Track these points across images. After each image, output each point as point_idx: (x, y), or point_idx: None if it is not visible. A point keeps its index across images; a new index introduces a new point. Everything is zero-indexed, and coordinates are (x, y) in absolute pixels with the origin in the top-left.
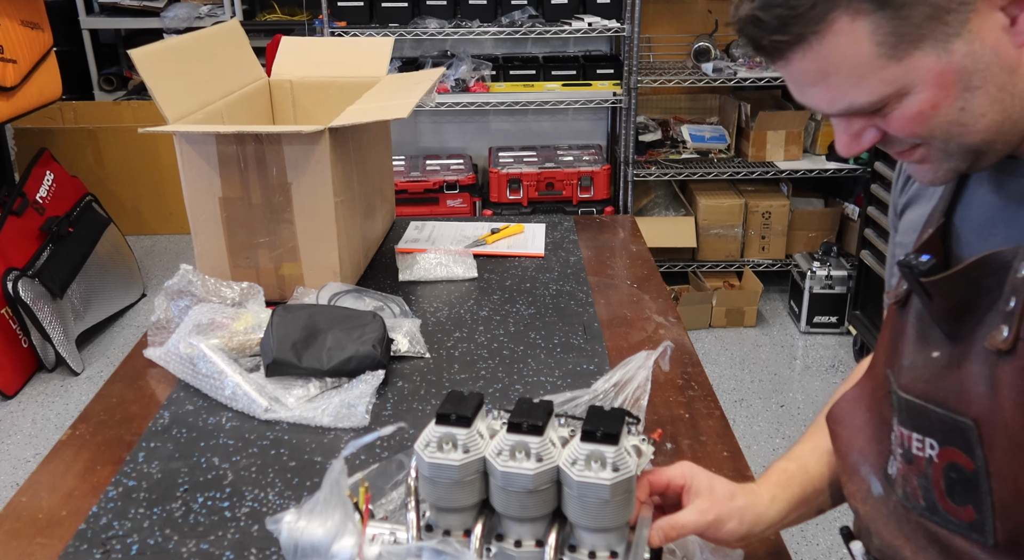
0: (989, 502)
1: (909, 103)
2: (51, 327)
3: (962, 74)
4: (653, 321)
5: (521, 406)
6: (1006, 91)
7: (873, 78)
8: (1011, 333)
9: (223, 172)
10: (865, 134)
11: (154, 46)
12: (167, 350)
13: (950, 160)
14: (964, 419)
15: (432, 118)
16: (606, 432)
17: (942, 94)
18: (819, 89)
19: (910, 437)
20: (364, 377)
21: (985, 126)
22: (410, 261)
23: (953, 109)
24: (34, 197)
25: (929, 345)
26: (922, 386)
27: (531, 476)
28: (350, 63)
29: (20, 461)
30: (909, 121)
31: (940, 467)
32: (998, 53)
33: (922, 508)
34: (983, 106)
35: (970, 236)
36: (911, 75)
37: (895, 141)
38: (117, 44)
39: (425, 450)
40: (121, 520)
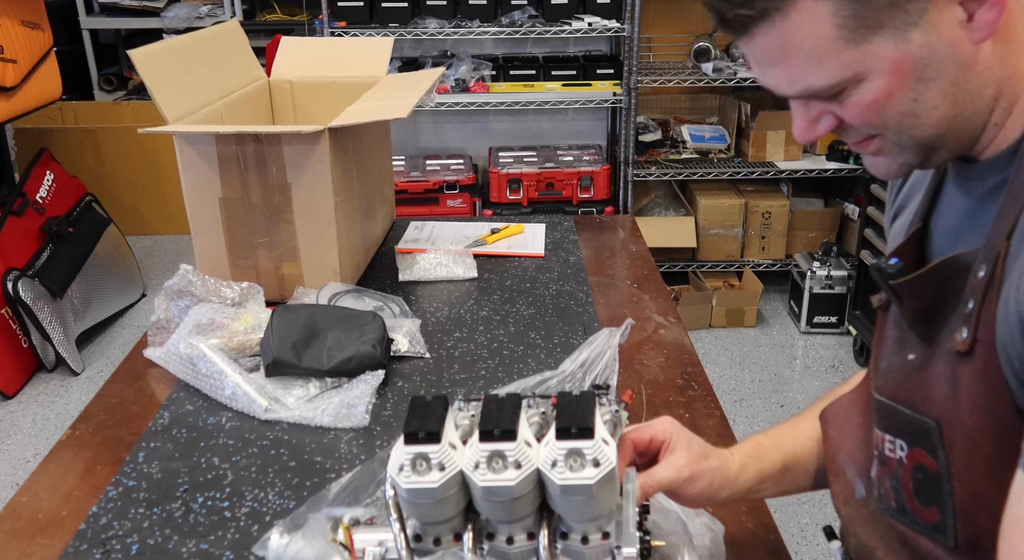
0: (951, 503)
1: (865, 90)
2: (51, 327)
3: (917, 65)
4: (653, 321)
5: (489, 407)
6: (959, 86)
7: (832, 61)
8: (969, 334)
9: (223, 172)
10: (822, 120)
11: (154, 46)
12: (167, 350)
13: (903, 153)
14: (927, 419)
15: (432, 118)
16: (580, 427)
17: (897, 83)
18: (779, 69)
19: (883, 439)
20: (364, 377)
21: (936, 119)
22: (410, 261)
23: (907, 100)
24: (34, 197)
25: (906, 348)
26: (894, 388)
27: (513, 486)
28: (350, 63)
29: (20, 461)
30: (864, 109)
31: (909, 468)
32: (954, 48)
33: (893, 509)
34: (935, 99)
35: (942, 239)
36: (868, 61)
37: (851, 130)
38: (117, 44)
39: (400, 475)
40: (121, 520)
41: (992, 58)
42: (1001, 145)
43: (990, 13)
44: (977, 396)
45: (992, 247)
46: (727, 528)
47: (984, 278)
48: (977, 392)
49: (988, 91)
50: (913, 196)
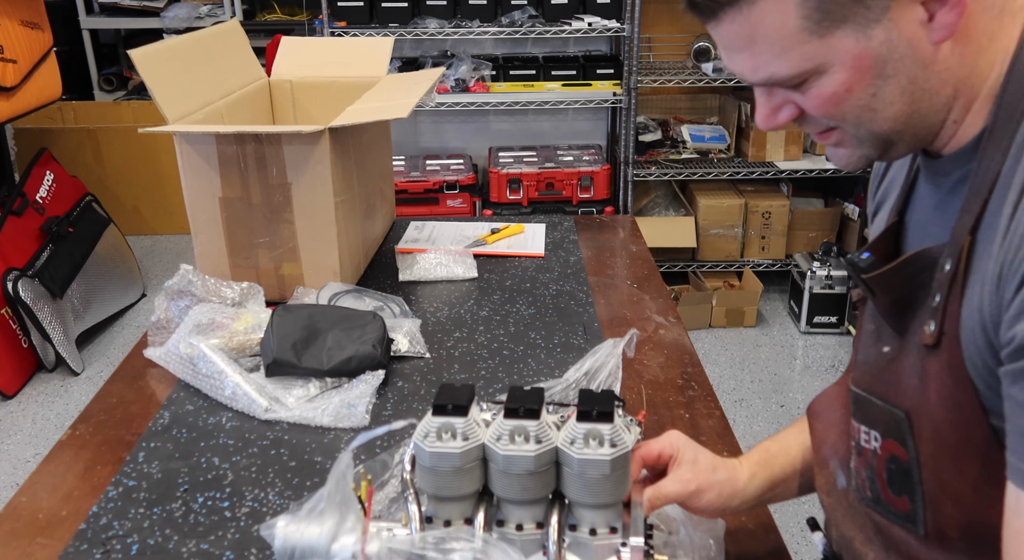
0: (920, 493)
1: (825, 82)
2: (51, 327)
3: (877, 60)
4: (653, 321)
5: (515, 393)
6: (917, 85)
7: (795, 51)
8: (936, 328)
9: (223, 172)
10: (784, 109)
11: (154, 46)
12: (167, 350)
13: (862, 146)
14: (898, 411)
15: (432, 118)
16: (601, 411)
17: (856, 78)
18: (745, 55)
19: (859, 429)
20: (364, 377)
21: (894, 115)
22: (410, 261)
23: (865, 94)
24: (34, 197)
25: (881, 340)
26: (868, 380)
27: (532, 457)
28: (350, 63)
29: (20, 461)
30: (824, 101)
31: (883, 459)
32: (913, 46)
33: (869, 499)
34: (893, 95)
35: (914, 234)
36: (830, 54)
37: (811, 121)
38: (117, 44)
39: (425, 440)
40: (121, 520)
41: (951, 58)
42: (962, 140)
43: (950, 14)
44: (943, 388)
45: (956, 242)
46: (727, 528)
47: (949, 272)
48: (943, 384)
49: (946, 90)
50: (891, 191)
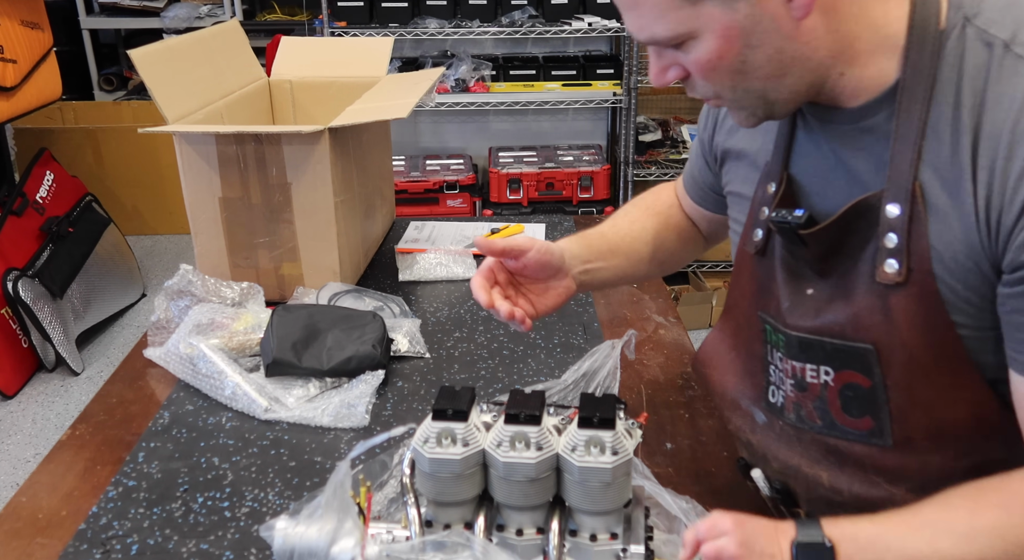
0: (887, 411)
1: (700, 48)
2: (51, 327)
3: (743, 31)
4: (653, 321)
5: (515, 397)
6: (785, 54)
7: (671, 15)
8: (903, 266)
9: (223, 172)
10: (671, 70)
11: (154, 46)
12: (167, 350)
13: (745, 107)
14: (863, 345)
15: (432, 118)
16: (603, 417)
17: (726, 46)
18: (633, 15)
19: (803, 368)
20: (364, 377)
21: (764, 76)
22: (410, 261)
23: (736, 61)
24: (34, 197)
25: (802, 283)
26: (810, 323)
27: (533, 465)
28: (350, 63)
29: (20, 461)
30: (702, 65)
31: (836, 389)
32: (776, 21)
33: (819, 427)
34: (761, 61)
35: (816, 186)
36: (701, 21)
37: (696, 86)
38: (117, 44)
39: (424, 446)
40: (121, 520)
41: (818, 29)
42: (868, 92)
43: None
44: (916, 318)
45: (901, 187)
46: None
47: (903, 216)
48: (915, 314)
49: (817, 55)
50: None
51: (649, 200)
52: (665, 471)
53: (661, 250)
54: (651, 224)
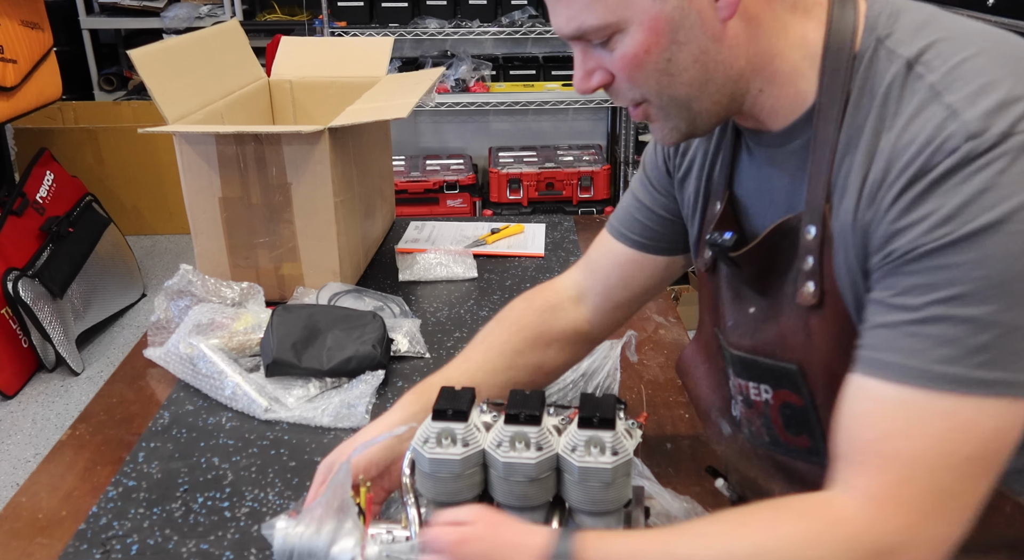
0: (820, 430)
1: (627, 42)
2: (51, 327)
3: (671, 25)
4: (653, 321)
5: (515, 397)
6: (709, 56)
7: (601, 3)
8: (818, 288)
9: (223, 172)
10: (596, 74)
11: (154, 46)
12: (167, 350)
13: (669, 118)
14: (789, 365)
15: (432, 118)
16: (603, 417)
17: (653, 40)
18: (561, 5)
19: (747, 386)
20: (364, 377)
21: (689, 80)
22: (410, 261)
23: (662, 58)
24: (34, 197)
25: (745, 303)
26: (748, 342)
27: (533, 465)
28: (350, 63)
29: (20, 461)
30: (628, 62)
31: (776, 407)
32: (703, 19)
33: (767, 443)
34: (687, 62)
35: (754, 207)
36: (630, 11)
37: (621, 92)
38: (117, 44)
39: (424, 446)
40: (121, 520)
41: (741, 36)
42: (791, 115)
43: None
44: (833, 339)
45: (816, 209)
46: None
47: (817, 238)
48: (832, 335)
49: (738, 63)
50: (694, 164)
51: (509, 317)
52: (665, 471)
53: (528, 368)
54: (509, 344)
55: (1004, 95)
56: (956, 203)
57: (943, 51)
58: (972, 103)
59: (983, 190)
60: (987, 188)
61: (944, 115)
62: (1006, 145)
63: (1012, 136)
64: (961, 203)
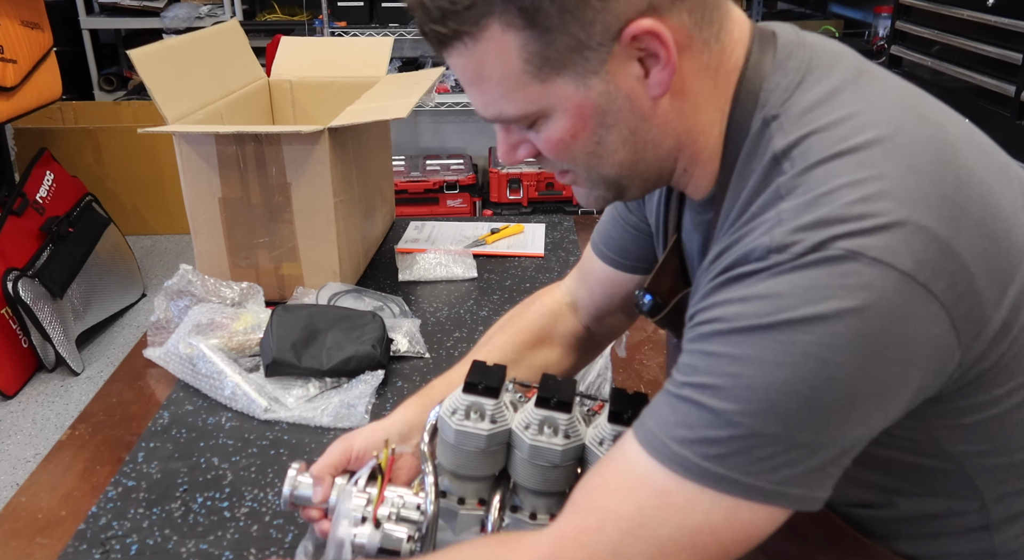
0: None
1: (552, 127)
2: (51, 327)
3: (597, 110)
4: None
5: (547, 382)
6: (639, 136)
7: (519, 93)
8: None
9: (223, 172)
10: (521, 147)
11: (154, 46)
12: (167, 350)
13: (596, 188)
14: None
15: (432, 118)
16: (634, 416)
17: (580, 125)
18: (475, 90)
19: None
20: (364, 377)
21: (619, 161)
22: (410, 261)
23: (590, 142)
24: (34, 197)
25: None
26: None
27: (559, 451)
28: (350, 63)
29: (20, 461)
30: (553, 145)
31: None
32: (632, 100)
33: None
34: (616, 144)
35: (690, 257)
36: (552, 99)
37: (549, 163)
38: (117, 44)
39: (452, 417)
40: (121, 520)
41: (670, 112)
42: (701, 193)
43: (663, 73)
44: None
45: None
46: None
47: None
48: None
49: (667, 141)
50: (654, 195)
51: (512, 321)
52: None
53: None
54: (511, 345)
55: (827, 211)
56: (739, 298)
57: (811, 147)
58: (796, 215)
59: (766, 295)
60: (771, 294)
61: (771, 224)
62: (806, 259)
63: (816, 251)
64: (743, 299)
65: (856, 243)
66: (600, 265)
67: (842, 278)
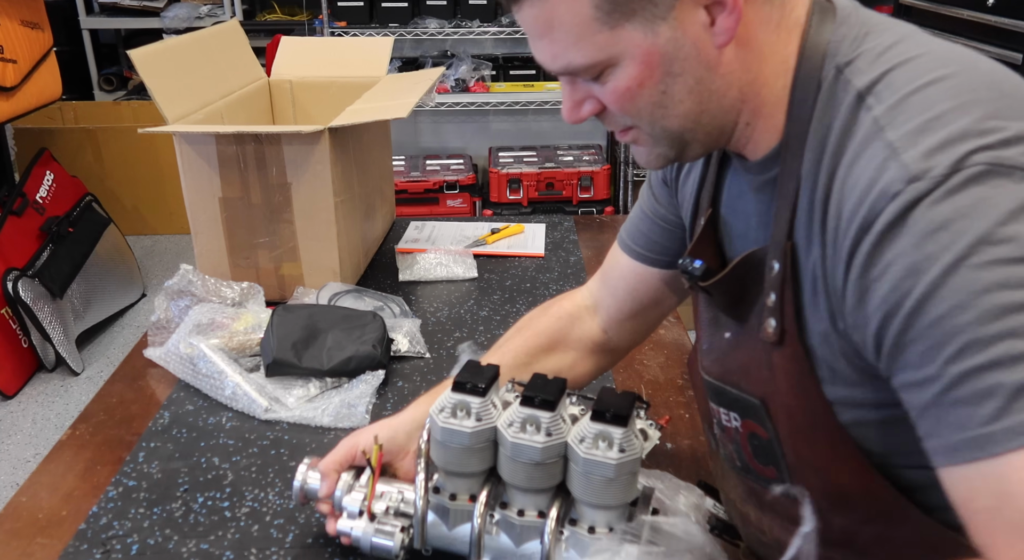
0: (784, 463)
1: (619, 76)
2: (51, 327)
3: (664, 57)
4: None
5: (535, 381)
6: (704, 85)
7: (588, 41)
8: (777, 325)
9: (223, 172)
10: (586, 104)
11: (154, 46)
12: (167, 350)
13: (658, 145)
14: (753, 398)
15: (432, 118)
16: (616, 414)
17: (647, 73)
18: (544, 42)
19: (718, 411)
20: (364, 377)
21: (683, 112)
22: (410, 261)
23: (656, 91)
24: (34, 197)
25: (721, 327)
26: (718, 369)
27: (539, 449)
28: (350, 63)
29: (20, 461)
30: (620, 95)
31: (744, 435)
32: (698, 48)
33: (739, 468)
34: (682, 93)
35: (736, 229)
36: (621, 46)
37: (611, 118)
38: (117, 44)
39: (439, 415)
40: (121, 520)
41: (734, 63)
42: (763, 148)
43: (729, 20)
44: (791, 378)
45: (778, 245)
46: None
47: (779, 275)
48: (791, 374)
49: (732, 92)
50: (690, 174)
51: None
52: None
53: None
54: (524, 348)
55: (949, 132)
56: (910, 252)
57: (895, 81)
58: (913, 141)
59: (933, 232)
60: (937, 228)
61: (884, 155)
62: (949, 183)
63: (955, 173)
64: (915, 250)
65: (992, 156)
66: (626, 261)
67: (995, 190)
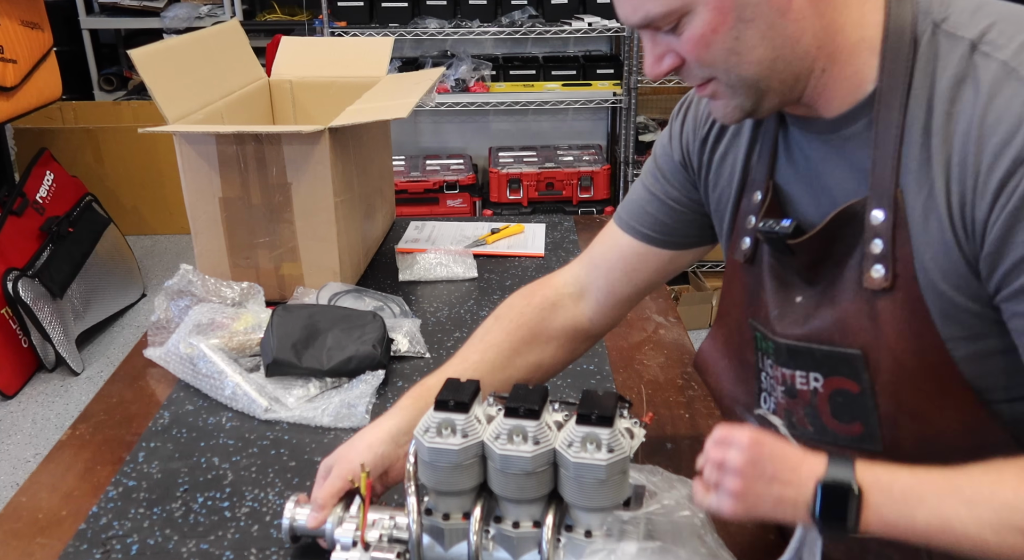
0: (876, 416)
1: (694, 24)
2: (51, 327)
3: (736, 3)
4: (653, 321)
5: (517, 392)
6: (776, 31)
7: None
8: (889, 272)
9: (223, 172)
10: (666, 58)
11: (154, 46)
12: (167, 350)
13: (736, 96)
14: (850, 350)
15: (432, 118)
16: (601, 415)
17: (720, 19)
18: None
19: (792, 375)
20: (364, 377)
21: (758, 58)
22: (410, 261)
23: (729, 37)
24: (34, 197)
25: (791, 291)
26: (799, 330)
27: (529, 458)
28: (350, 63)
29: (20, 461)
30: (696, 43)
31: (825, 395)
32: None
33: (811, 433)
34: (755, 39)
35: (799, 196)
36: None
37: (690, 72)
38: (117, 44)
39: (424, 435)
40: (121, 520)
41: (806, 8)
42: (849, 99)
43: None
44: (902, 324)
45: (884, 194)
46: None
47: (887, 222)
48: (901, 320)
49: (805, 38)
50: (730, 152)
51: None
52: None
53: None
54: (507, 342)
55: None
56: None
57: (1005, 30)
58: None
59: None
60: None
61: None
62: None
63: None
64: None
65: None
66: (627, 241)
67: None
